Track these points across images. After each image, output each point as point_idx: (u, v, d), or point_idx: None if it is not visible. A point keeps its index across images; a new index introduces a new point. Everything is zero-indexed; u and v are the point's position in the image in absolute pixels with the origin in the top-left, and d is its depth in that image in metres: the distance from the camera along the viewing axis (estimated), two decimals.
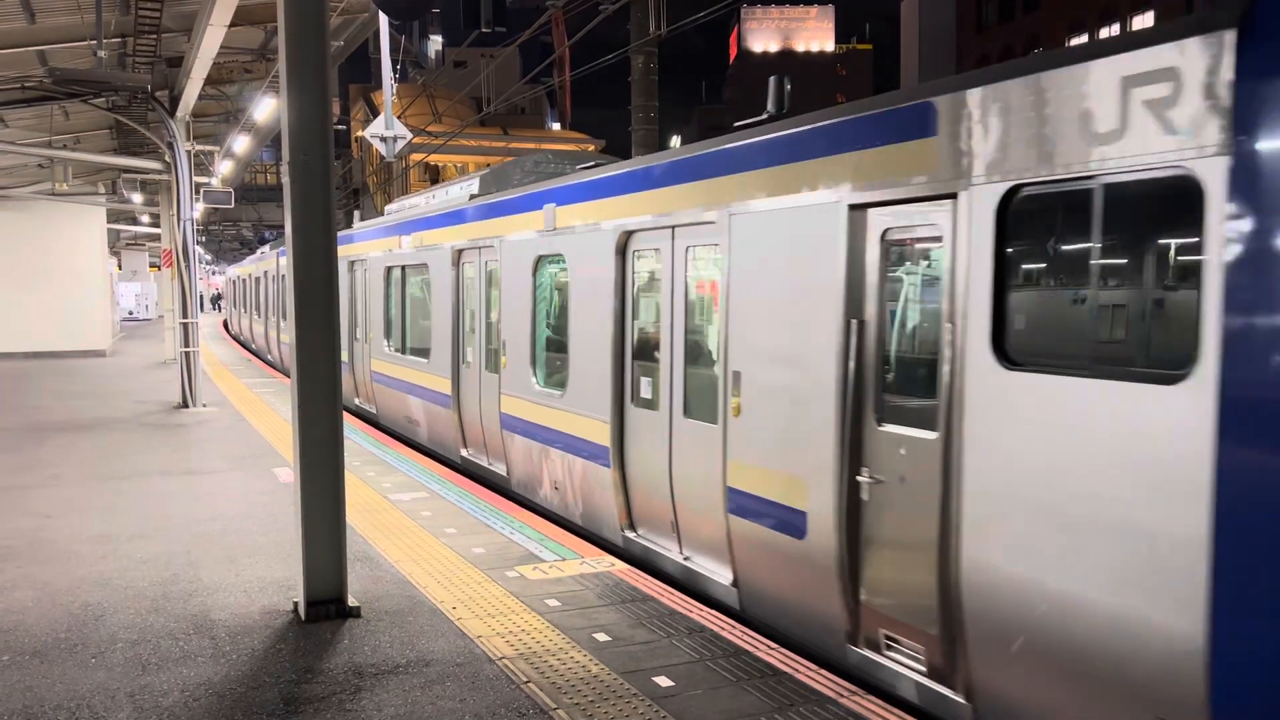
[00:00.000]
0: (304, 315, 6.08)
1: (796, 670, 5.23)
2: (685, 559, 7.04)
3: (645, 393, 7.59)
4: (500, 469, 10.19)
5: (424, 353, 12.54)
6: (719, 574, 6.60)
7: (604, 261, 7.90)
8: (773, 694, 4.93)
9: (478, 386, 10.81)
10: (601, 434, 8.00)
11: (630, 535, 7.76)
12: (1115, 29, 43.51)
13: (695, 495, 6.81)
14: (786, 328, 5.75)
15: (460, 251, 11.22)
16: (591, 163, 9.62)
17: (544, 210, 8.95)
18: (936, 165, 4.69)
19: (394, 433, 14.03)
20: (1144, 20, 41.95)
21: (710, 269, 6.85)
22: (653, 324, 7.57)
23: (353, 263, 16.14)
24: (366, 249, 15.40)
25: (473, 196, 11.46)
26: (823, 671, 5.22)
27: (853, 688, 5.00)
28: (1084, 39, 44.72)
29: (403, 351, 13.64)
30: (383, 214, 19.89)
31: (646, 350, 7.64)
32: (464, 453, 11.30)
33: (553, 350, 9.33)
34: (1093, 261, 4.09)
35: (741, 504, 6.16)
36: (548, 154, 12.23)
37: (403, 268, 13.59)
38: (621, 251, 7.73)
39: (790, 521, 5.69)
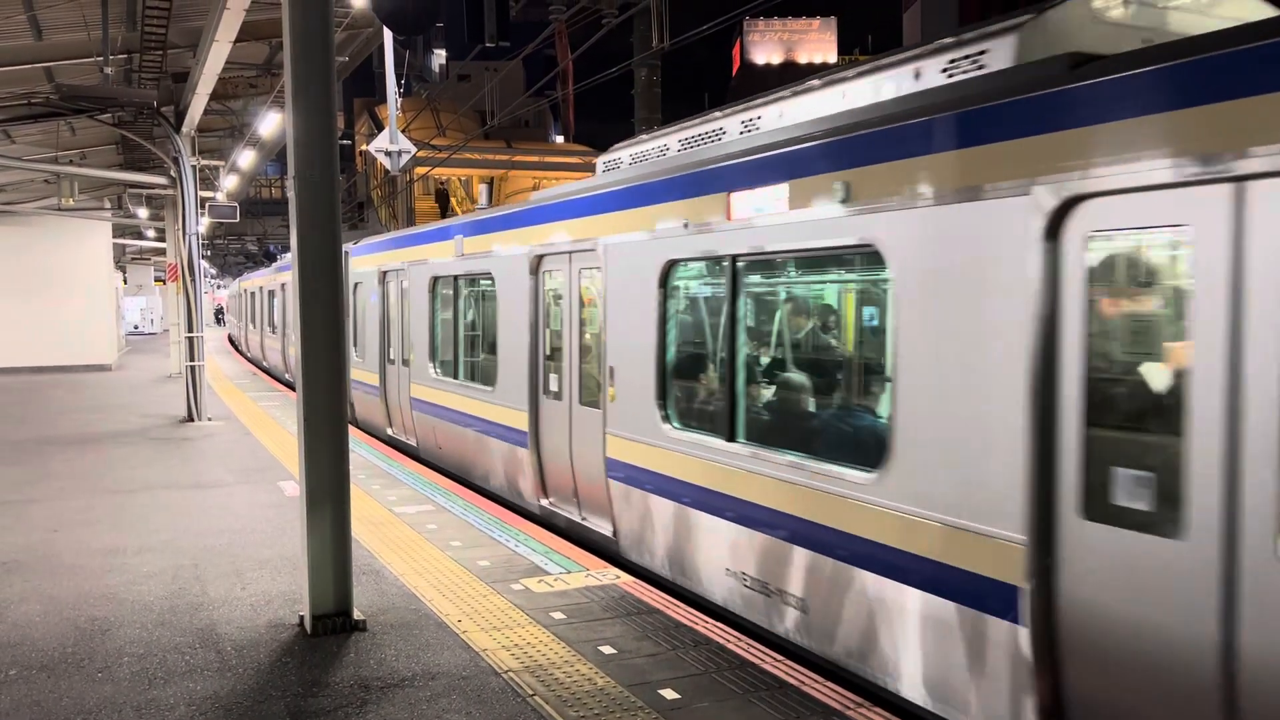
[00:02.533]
0: (309, 328, 6.09)
1: (803, 683, 5.22)
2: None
3: None
4: None
5: (795, 442, 6.20)
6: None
7: None
8: (779, 706, 4.93)
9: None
10: None
11: None
12: None
13: None
14: None
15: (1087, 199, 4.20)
16: None
17: None
18: None
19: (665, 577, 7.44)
20: None
21: None
22: None
23: (540, 259, 9.27)
24: (593, 230, 8.19)
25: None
26: (829, 684, 5.21)
27: (860, 700, 5.00)
28: None
29: (733, 436, 6.55)
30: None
31: None
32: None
33: None
34: None
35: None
36: None
37: (727, 266, 6.57)
38: None
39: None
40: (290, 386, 20.63)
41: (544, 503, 9.30)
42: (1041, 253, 4.30)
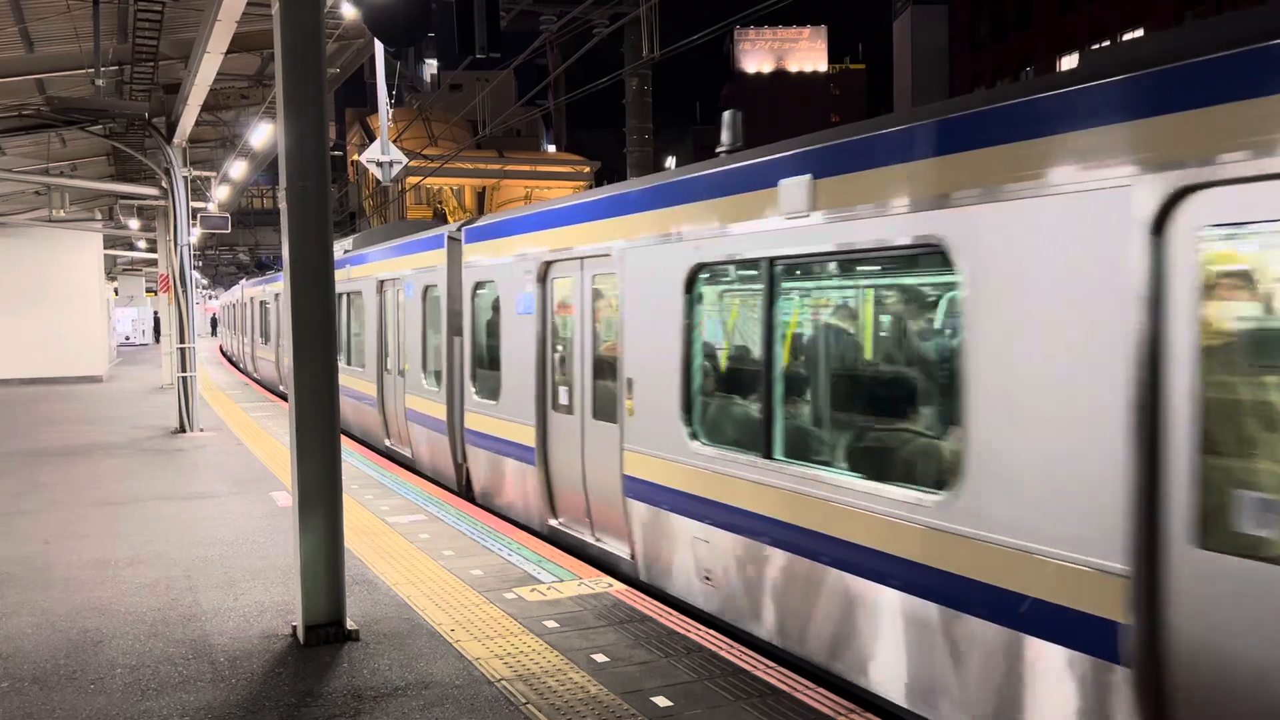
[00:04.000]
0: (302, 341, 6.12)
1: (795, 689, 5.24)
2: None
3: None
4: None
5: None
6: None
7: None
8: (771, 713, 4.95)
9: None
10: None
11: None
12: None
13: None
14: None
15: None
16: None
17: None
18: None
19: None
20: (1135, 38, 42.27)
21: None
22: None
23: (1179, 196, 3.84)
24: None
25: None
26: (820, 690, 5.23)
27: (851, 706, 5.02)
28: (1075, 58, 45.09)
29: None
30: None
31: None
32: None
33: None
34: None
35: None
36: None
37: None
38: None
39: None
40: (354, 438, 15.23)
41: None
42: None
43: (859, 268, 6.24)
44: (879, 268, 6.12)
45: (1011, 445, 4.50)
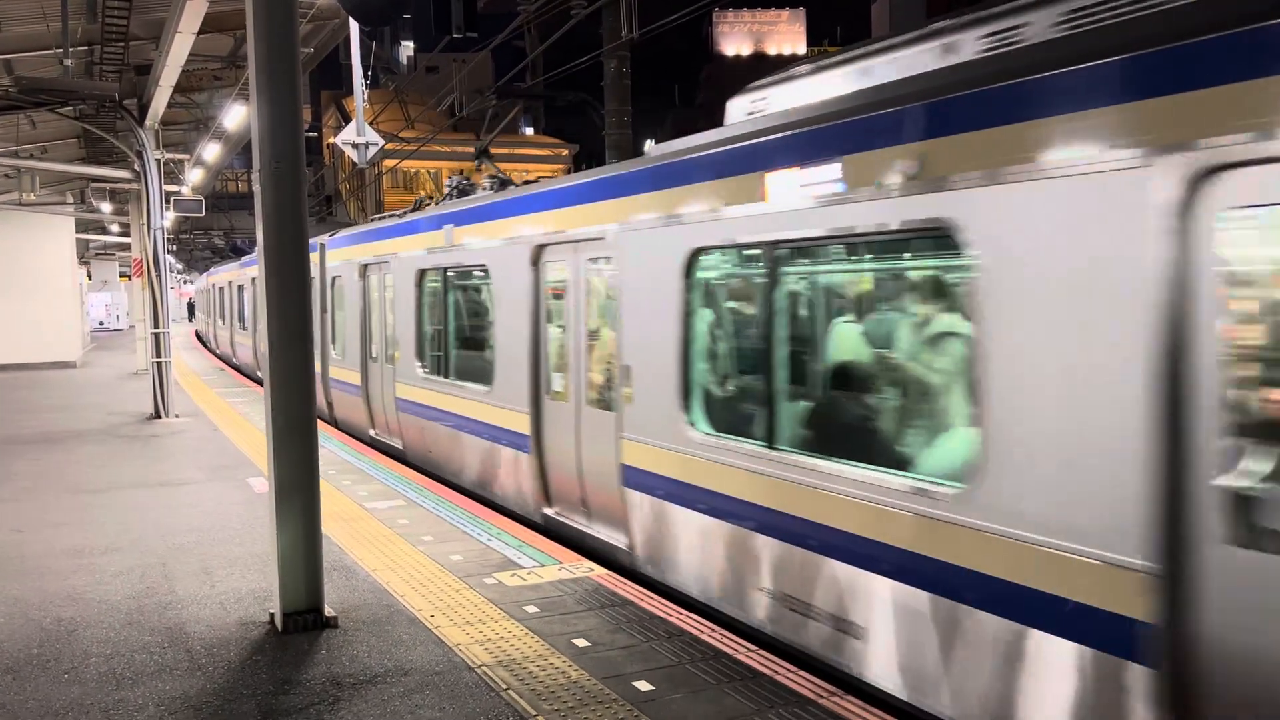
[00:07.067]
0: (277, 324, 6.04)
1: (776, 672, 5.24)
2: None
3: None
4: None
5: None
6: None
7: None
8: (752, 696, 4.95)
9: None
10: None
11: None
12: None
13: None
14: None
15: None
16: None
17: None
18: None
19: None
20: None
21: None
22: None
23: None
24: None
25: None
26: (802, 673, 5.24)
27: (832, 689, 5.02)
28: None
29: None
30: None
31: None
32: None
33: None
34: None
35: None
36: None
37: None
38: None
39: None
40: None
41: None
42: None
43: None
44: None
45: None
